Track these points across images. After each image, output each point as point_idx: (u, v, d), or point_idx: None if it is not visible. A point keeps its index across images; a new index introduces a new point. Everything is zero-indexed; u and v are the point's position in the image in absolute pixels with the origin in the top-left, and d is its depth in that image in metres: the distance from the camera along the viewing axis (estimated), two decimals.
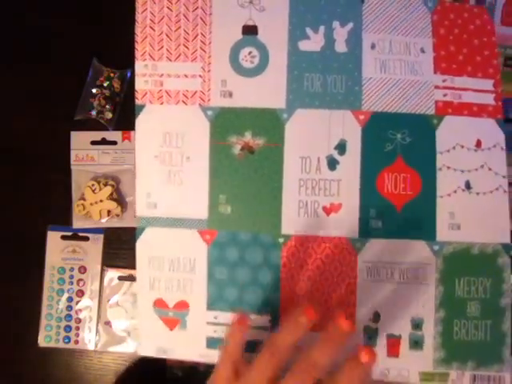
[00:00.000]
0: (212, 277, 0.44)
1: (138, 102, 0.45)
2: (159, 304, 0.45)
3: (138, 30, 0.45)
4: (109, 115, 0.49)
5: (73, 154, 0.50)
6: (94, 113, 0.49)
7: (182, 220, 0.45)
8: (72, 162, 0.50)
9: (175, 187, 0.45)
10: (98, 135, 0.50)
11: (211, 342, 0.44)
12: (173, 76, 0.45)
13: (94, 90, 0.49)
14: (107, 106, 0.49)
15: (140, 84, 0.45)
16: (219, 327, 0.44)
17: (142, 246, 0.45)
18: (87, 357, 0.50)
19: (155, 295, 0.45)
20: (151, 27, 0.45)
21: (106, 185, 0.49)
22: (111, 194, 0.49)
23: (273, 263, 0.44)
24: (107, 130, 0.50)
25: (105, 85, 0.49)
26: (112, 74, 0.49)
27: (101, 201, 0.49)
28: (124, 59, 0.49)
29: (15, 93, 0.51)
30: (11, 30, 0.51)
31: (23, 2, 0.51)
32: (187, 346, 0.44)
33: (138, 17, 0.45)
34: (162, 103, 0.45)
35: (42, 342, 0.50)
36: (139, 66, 0.45)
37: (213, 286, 0.44)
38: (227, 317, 0.44)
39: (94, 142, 0.50)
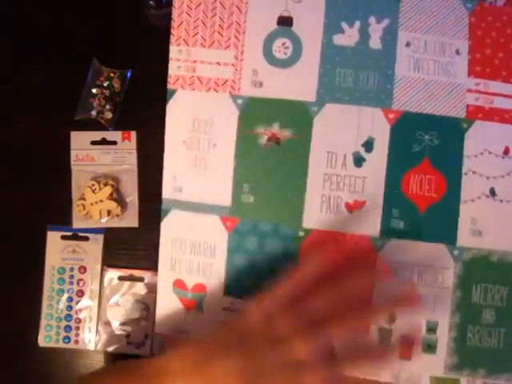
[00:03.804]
0: (231, 263, 0.45)
1: (169, 86, 0.46)
2: (178, 285, 0.46)
3: (174, 15, 0.46)
4: (109, 115, 0.49)
5: (73, 153, 0.50)
6: (94, 113, 0.49)
7: (206, 205, 0.45)
8: (72, 162, 0.50)
9: (200, 173, 0.45)
10: (98, 135, 0.50)
11: None
12: (206, 63, 0.46)
13: (94, 90, 0.49)
14: (107, 106, 0.49)
15: (173, 69, 0.46)
16: (235, 314, 0.45)
17: (166, 228, 0.46)
18: (87, 357, 0.50)
19: (175, 276, 0.46)
20: (187, 13, 0.46)
21: (106, 185, 0.49)
22: (111, 193, 0.49)
23: (291, 255, 0.44)
24: (107, 130, 0.50)
25: (105, 85, 0.49)
26: (112, 74, 0.49)
27: (101, 201, 0.49)
28: (124, 59, 0.50)
29: (15, 93, 0.51)
30: (11, 30, 0.51)
31: (23, 2, 0.51)
32: (202, 329, 0.45)
33: (176, 2, 0.45)
34: (193, 89, 0.46)
35: (42, 341, 0.50)
36: (173, 50, 0.46)
37: (231, 273, 0.45)
38: (243, 304, 0.44)
39: (94, 142, 0.50)
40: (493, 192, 0.43)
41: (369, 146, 0.44)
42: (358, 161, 0.44)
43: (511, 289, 0.43)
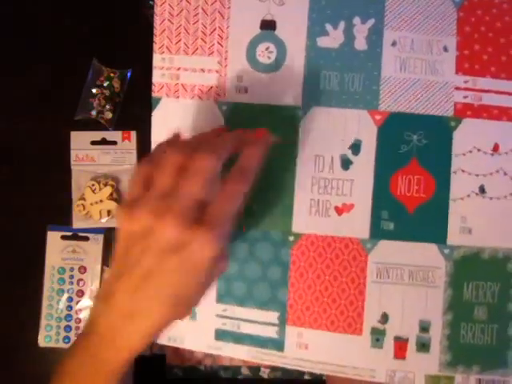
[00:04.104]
0: None
1: (154, 94, 0.46)
2: None
3: (156, 22, 0.45)
4: (109, 115, 0.49)
5: (73, 153, 0.50)
6: (94, 113, 0.49)
7: None
8: (72, 162, 0.50)
9: None
10: (98, 135, 0.50)
11: (220, 334, 0.45)
12: (189, 70, 0.45)
13: (94, 90, 0.49)
14: (107, 106, 0.49)
15: (157, 77, 0.45)
16: (228, 320, 0.45)
17: None
18: None
19: None
20: (169, 20, 0.45)
21: (106, 185, 0.49)
22: (111, 194, 0.49)
23: (282, 261, 0.44)
24: (107, 130, 0.50)
25: (105, 85, 0.49)
26: (112, 74, 0.49)
27: (101, 201, 0.49)
28: (124, 59, 0.50)
29: (15, 93, 0.51)
30: (11, 30, 0.51)
31: (23, 2, 0.51)
32: (196, 336, 0.45)
33: (157, 9, 0.45)
34: (177, 97, 0.45)
35: (42, 342, 0.50)
36: (156, 59, 0.45)
37: (222, 280, 0.45)
38: (236, 311, 0.45)
39: (94, 142, 0.50)
40: (482, 189, 0.43)
41: (356, 148, 0.44)
42: (346, 164, 0.44)
43: (503, 285, 0.43)
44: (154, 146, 0.46)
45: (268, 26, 0.44)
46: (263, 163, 0.44)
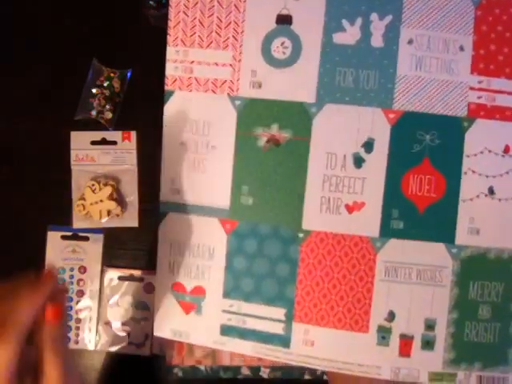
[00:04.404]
0: (230, 266, 0.45)
1: (167, 87, 0.45)
2: (177, 287, 0.46)
3: (171, 14, 0.45)
4: (109, 115, 0.49)
5: (73, 153, 0.50)
6: (94, 113, 0.49)
7: (204, 208, 0.45)
8: (72, 162, 0.50)
9: (199, 175, 0.45)
10: (98, 135, 0.50)
11: (225, 330, 0.45)
12: (203, 63, 0.45)
13: (94, 90, 0.49)
14: (107, 106, 0.49)
15: (170, 70, 0.45)
16: (234, 316, 0.45)
17: (163, 230, 0.46)
18: (87, 357, 0.50)
19: (174, 279, 0.46)
20: (185, 12, 0.45)
21: (106, 185, 0.49)
22: (111, 193, 0.49)
23: (291, 257, 0.44)
24: (107, 130, 0.50)
25: (105, 85, 0.49)
26: (112, 74, 0.49)
27: (101, 201, 0.49)
28: (124, 59, 0.50)
29: (15, 93, 0.51)
30: (11, 30, 0.51)
31: (23, 2, 0.51)
32: (202, 331, 0.46)
33: (172, 1, 0.44)
34: (190, 90, 0.45)
35: None
36: (170, 51, 0.45)
37: (230, 275, 0.45)
38: (242, 306, 0.45)
39: (94, 142, 0.50)
40: (491, 191, 0.43)
41: (369, 146, 0.43)
42: (358, 162, 0.44)
43: (507, 285, 0.43)
44: (164, 139, 0.46)
45: (284, 20, 0.44)
46: (275, 161, 0.44)
